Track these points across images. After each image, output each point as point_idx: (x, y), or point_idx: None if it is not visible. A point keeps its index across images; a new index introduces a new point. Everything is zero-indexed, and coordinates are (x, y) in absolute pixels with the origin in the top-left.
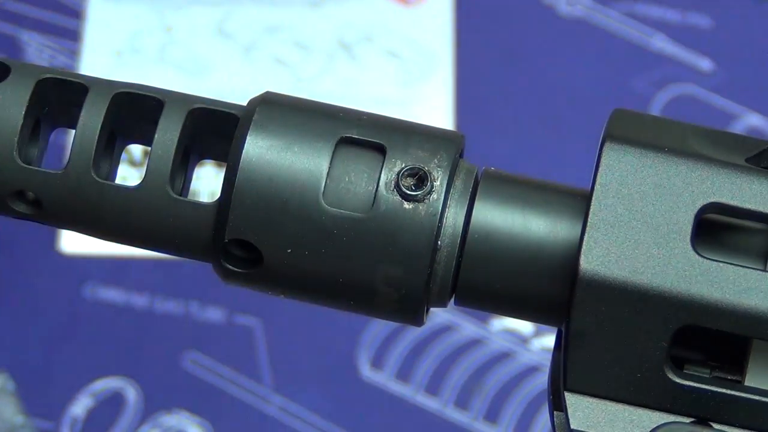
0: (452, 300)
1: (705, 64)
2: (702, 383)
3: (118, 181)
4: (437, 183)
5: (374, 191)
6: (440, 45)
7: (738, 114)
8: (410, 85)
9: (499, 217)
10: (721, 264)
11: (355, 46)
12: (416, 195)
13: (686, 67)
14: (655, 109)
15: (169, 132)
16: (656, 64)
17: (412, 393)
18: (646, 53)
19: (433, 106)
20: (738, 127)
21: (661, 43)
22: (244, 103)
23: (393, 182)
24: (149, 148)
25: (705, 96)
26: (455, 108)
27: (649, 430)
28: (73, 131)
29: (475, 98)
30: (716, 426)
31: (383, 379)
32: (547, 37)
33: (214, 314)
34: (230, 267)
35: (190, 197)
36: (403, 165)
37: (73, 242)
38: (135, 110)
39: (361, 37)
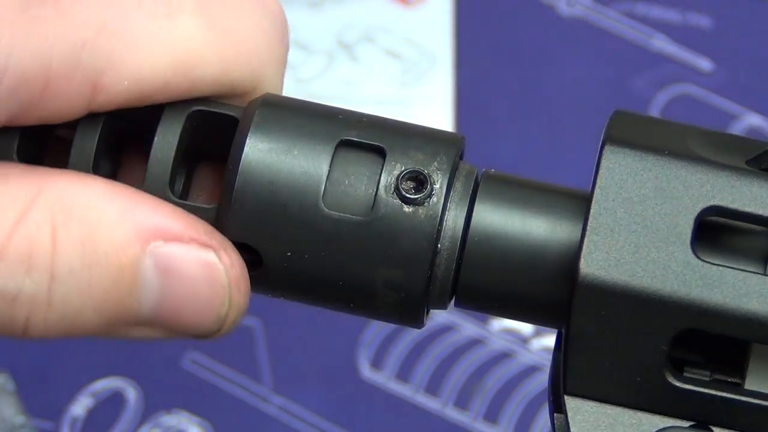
0: (452, 302)
1: (705, 64)
2: (702, 386)
3: None
4: (437, 186)
5: (374, 194)
6: (440, 45)
7: (738, 114)
8: (410, 85)
9: (499, 220)
10: (721, 268)
11: (355, 46)
12: (416, 198)
13: (686, 67)
14: (655, 109)
15: (168, 135)
16: (656, 64)
17: (412, 393)
18: (646, 53)
19: (433, 106)
20: (738, 128)
21: (661, 43)
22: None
23: (393, 185)
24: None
25: (705, 96)
26: (455, 108)
27: None
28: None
29: (475, 98)
30: (716, 429)
31: (383, 379)
32: (547, 37)
33: None
34: None
35: (189, 200)
36: (403, 168)
37: None
38: (134, 112)
39: (361, 37)
